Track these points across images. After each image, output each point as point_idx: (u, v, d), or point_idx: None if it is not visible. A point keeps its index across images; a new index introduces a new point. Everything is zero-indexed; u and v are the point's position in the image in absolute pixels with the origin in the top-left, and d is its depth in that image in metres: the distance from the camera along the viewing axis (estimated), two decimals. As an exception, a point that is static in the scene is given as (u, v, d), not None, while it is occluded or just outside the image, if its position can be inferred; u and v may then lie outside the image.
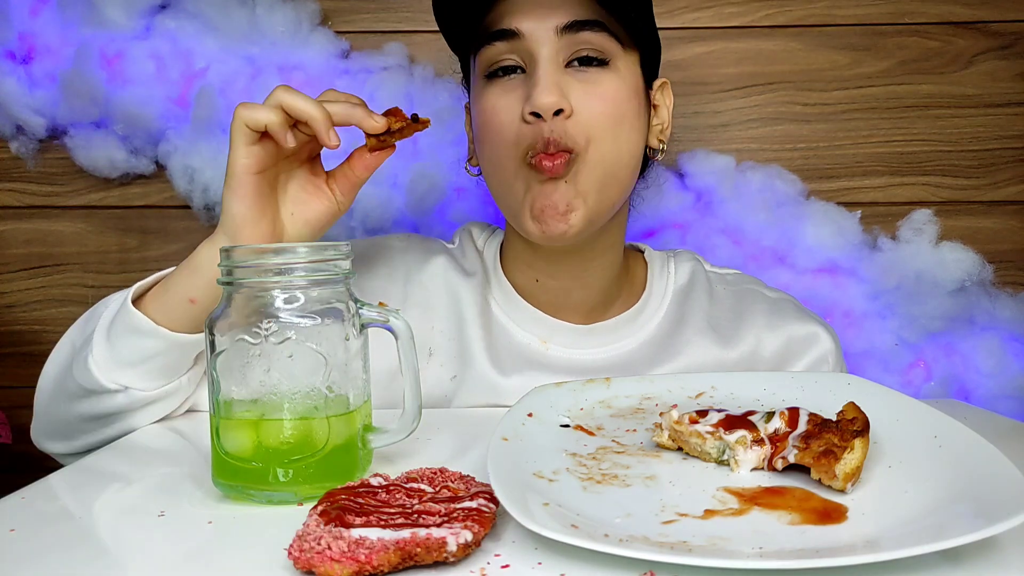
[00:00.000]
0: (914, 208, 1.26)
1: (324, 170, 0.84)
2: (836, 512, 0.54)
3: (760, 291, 1.01)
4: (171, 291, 0.80)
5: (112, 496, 0.67)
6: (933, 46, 1.27)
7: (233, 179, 0.78)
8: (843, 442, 0.59)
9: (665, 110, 0.96)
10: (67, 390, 0.83)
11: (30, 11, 1.25)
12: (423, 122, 0.79)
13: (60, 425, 0.87)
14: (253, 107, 0.75)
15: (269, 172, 0.79)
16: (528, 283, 0.96)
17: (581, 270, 0.94)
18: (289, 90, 0.75)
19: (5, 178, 1.31)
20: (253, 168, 0.77)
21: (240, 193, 0.78)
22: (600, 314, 0.97)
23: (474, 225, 1.05)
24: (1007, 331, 1.25)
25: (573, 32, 0.84)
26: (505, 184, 0.88)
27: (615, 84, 0.86)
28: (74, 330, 0.89)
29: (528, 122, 0.83)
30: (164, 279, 0.82)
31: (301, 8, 1.25)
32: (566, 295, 0.95)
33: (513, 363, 0.94)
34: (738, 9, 1.28)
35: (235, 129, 0.76)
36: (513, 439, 0.65)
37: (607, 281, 0.96)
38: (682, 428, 0.65)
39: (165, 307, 0.80)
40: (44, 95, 1.25)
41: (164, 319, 0.79)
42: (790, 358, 0.95)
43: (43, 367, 0.89)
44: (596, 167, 0.85)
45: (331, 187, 0.83)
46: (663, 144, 0.95)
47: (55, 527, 0.57)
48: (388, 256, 1.00)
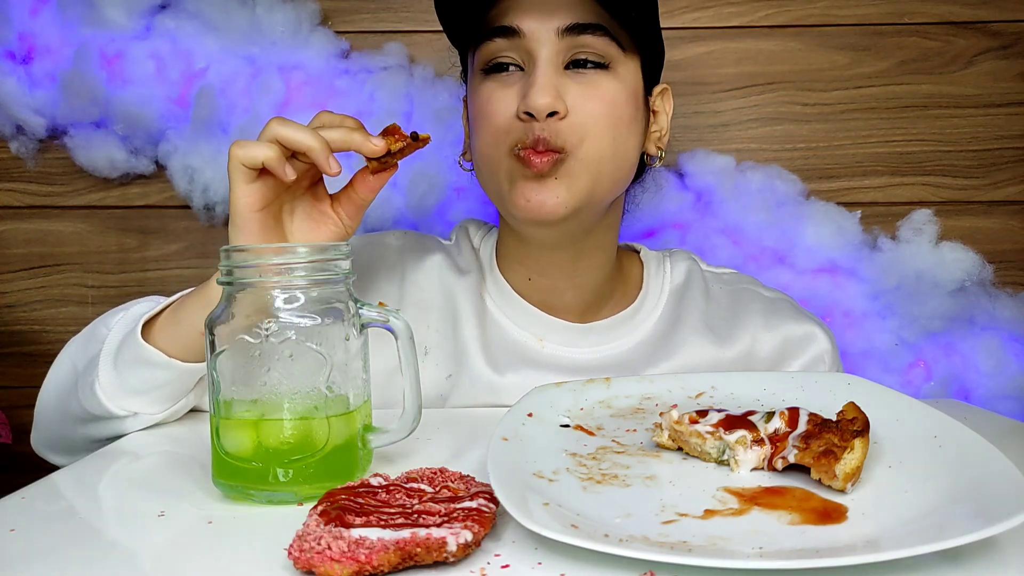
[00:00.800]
0: (914, 208, 1.26)
1: (328, 194, 0.83)
2: (836, 512, 0.54)
3: (756, 291, 1.01)
4: (183, 323, 0.79)
5: (112, 496, 0.67)
6: (933, 46, 1.27)
7: (238, 218, 0.76)
8: (843, 442, 0.59)
9: (664, 116, 0.95)
10: (72, 413, 0.83)
11: (30, 11, 1.25)
12: (423, 139, 0.78)
13: (64, 442, 0.87)
14: (247, 145, 0.73)
15: (273, 206, 0.78)
16: (522, 281, 0.96)
17: (572, 269, 0.94)
18: (284, 121, 0.73)
19: (5, 178, 1.31)
20: (256, 206, 0.76)
21: (246, 231, 0.76)
22: (595, 313, 0.97)
23: (470, 223, 1.05)
24: (1007, 331, 1.25)
25: (574, 34, 0.83)
26: (492, 172, 0.88)
27: (613, 87, 0.85)
28: (73, 348, 0.88)
29: (522, 119, 0.83)
30: (174, 309, 0.81)
31: (301, 8, 1.25)
32: (559, 294, 0.95)
33: (509, 361, 0.94)
34: (738, 9, 1.28)
35: (232, 169, 0.74)
36: (513, 439, 0.65)
37: (599, 281, 0.96)
38: (682, 428, 0.65)
39: (176, 339, 0.79)
40: (44, 95, 1.25)
41: (176, 351, 0.79)
42: (786, 358, 0.95)
43: (43, 383, 0.89)
44: (589, 164, 0.84)
45: (336, 211, 0.82)
46: (661, 152, 0.95)
47: (55, 527, 0.57)
48: (384, 254, 1.00)
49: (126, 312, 0.85)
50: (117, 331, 0.82)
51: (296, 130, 0.73)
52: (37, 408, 0.89)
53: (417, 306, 0.96)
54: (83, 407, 0.81)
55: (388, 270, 0.98)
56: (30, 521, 0.58)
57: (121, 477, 0.72)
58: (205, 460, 0.69)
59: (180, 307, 0.80)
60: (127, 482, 0.70)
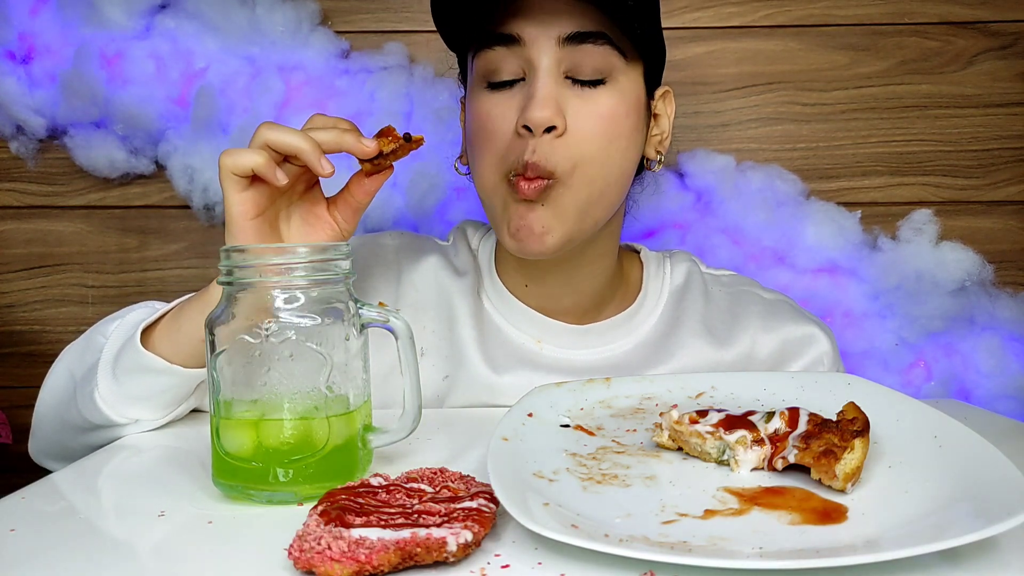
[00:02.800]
0: (914, 208, 1.26)
1: (324, 198, 0.82)
2: (836, 512, 0.54)
3: (756, 292, 1.00)
4: (184, 330, 0.78)
5: (112, 496, 0.67)
6: (933, 46, 1.27)
7: (233, 227, 0.75)
8: (843, 442, 0.58)
9: (666, 119, 0.94)
10: (71, 423, 0.83)
11: (30, 11, 1.25)
12: (416, 140, 0.77)
13: (64, 451, 0.86)
14: (236, 153, 0.72)
15: (268, 212, 0.77)
16: (519, 287, 0.96)
17: (570, 277, 0.94)
18: (273, 126, 0.73)
19: (5, 178, 1.31)
20: (250, 214, 0.75)
21: (242, 239, 0.75)
22: (594, 315, 0.96)
23: (468, 224, 1.05)
24: (1007, 331, 1.25)
25: (575, 43, 0.82)
26: (486, 195, 0.87)
27: (613, 102, 0.84)
28: (69, 357, 0.87)
29: (520, 134, 0.82)
30: (173, 315, 0.80)
31: (301, 8, 1.25)
32: (556, 300, 0.95)
33: (507, 361, 0.93)
34: (738, 9, 1.28)
35: (223, 178, 0.73)
36: (513, 439, 0.65)
37: (599, 285, 0.95)
38: (682, 428, 0.65)
39: (177, 345, 0.78)
40: (44, 95, 1.25)
41: (177, 356, 0.78)
42: (786, 359, 0.95)
43: (40, 392, 0.88)
44: (580, 191, 0.83)
45: (333, 215, 0.81)
46: (661, 155, 0.94)
47: (55, 527, 0.57)
48: (380, 255, 1.00)
49: (122, 320, 0.85)
50: (115, 339, 0.82)
51: (285, 133, 0.72)
52: (35, 418, 0.89)
53: (413, 307, 0.96)
54: (83, 416, 0.81)
55: (384, 270, 0.98)
56: (30, 521, 0.58)
57: (120, 476, 0.72)
58: (206, 459, 0.69)
59: (180, 313, 0.80)
60: (126, 481, 0.70)
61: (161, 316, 0.81)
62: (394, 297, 0.96)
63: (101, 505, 0.64)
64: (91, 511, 0.62)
